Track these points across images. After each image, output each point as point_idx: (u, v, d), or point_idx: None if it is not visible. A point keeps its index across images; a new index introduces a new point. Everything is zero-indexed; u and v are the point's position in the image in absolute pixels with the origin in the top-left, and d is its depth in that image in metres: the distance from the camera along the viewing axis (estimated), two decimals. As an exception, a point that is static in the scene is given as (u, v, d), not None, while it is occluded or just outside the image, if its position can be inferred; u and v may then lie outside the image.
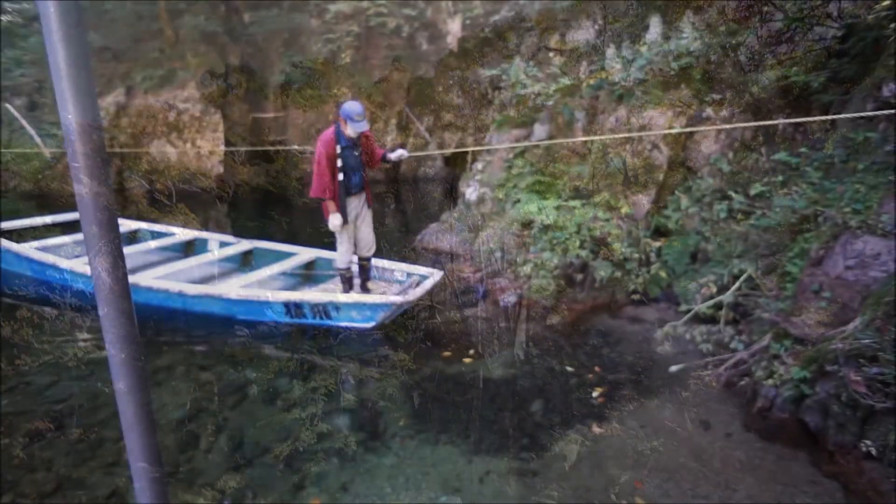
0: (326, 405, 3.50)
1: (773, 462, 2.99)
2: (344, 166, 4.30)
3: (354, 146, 4.36)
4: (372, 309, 4.35)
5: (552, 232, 5.29)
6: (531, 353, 4.26)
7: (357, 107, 4.18)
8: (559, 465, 2.95)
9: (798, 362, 3.17)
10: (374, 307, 4.35)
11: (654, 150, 5.53)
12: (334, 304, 4.36)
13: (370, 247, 4.76)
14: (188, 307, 4.56)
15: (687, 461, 3.00)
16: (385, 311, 4.37)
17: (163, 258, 5.87)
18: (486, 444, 3.16)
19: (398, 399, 3.69)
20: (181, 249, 6.03)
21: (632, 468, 2.93)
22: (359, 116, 4.13)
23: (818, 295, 3.29)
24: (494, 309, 5.06)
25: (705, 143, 5.62)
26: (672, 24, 6.14)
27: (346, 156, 4.30)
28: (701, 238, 5.05)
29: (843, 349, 2.90)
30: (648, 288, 5.12)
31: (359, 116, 4.13)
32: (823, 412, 2.96)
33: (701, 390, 3.66)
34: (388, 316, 4.48)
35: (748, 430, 3.28)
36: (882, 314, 2.94)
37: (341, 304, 4.36)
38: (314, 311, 4.40)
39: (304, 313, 4.41)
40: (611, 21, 6.93)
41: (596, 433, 3.24)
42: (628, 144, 5.60)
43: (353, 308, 4.36)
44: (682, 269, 5.02)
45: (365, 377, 3.96)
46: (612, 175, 5.58)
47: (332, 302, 4.35)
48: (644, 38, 6.05)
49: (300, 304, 4.37)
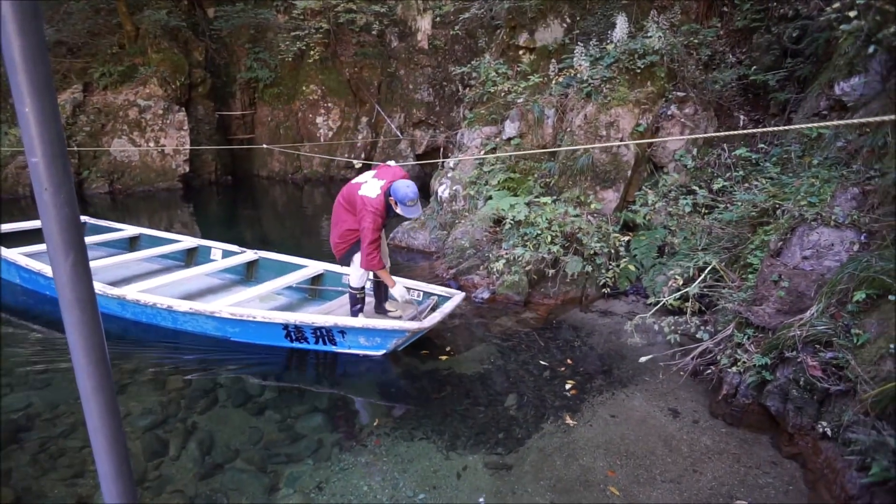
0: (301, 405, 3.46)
1: (737, 446, 3.11)
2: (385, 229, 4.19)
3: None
4: (383, 335, 3.84)
5: (524, 228, 5.35)
6: (505, 348, 4.31)
7: (411, 192, 3.81)
8: (534, 458, 2.99)
9: (759, 350, 3.30)
10: (384, 333, 3.83)
11: (622, 146, 5.65)
12: (340, 329, 3.82)
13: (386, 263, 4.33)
14: (178, 326, 4.18)
15: (656, 448, 3.09)
16: (398, 338, 3.87)
17: (163, 267, 5.61)
18: (462, 439, 3.18)
19: (375, 395, 3.68)
20: (183, 258, 5.73)
21: (604, 457, 3.00)
22: (411, 202, 3.82)
23: (777, 285, 3.43)
24: (468, 305, 5.10)
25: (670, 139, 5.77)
26: (637, 23, 6.28)
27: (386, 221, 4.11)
28: (667, 232, 5.19)
29: (801, 336, 3.04)
30: (618, 281, 5.24)
31: (411, 202, 3.82)
32: (783, 396, 3.09)
33: (669, 379, 3.77)
34: (402, 343, 3.99)
35: (714, 416, 3.41)
36: (835, 302, 3.09)
37: (348, 329, 3.83)
38: (317, 336, 3.90)
39: (305, 337, 3.92)
40: (578, 19, 7.04)
41: (569, 425, 3.30)
42: (597, 140, 5.71)
43: (362, 333, 3.87)
44: (649, 262, 5.15)
45: (345, 373, 3.93)
46: (582, 171, 5.68)
47: (337, 326, 3.79)
48: (610, 37, 6.17)
49: (301, 327, 3.86)
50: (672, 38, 5.76)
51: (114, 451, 0.86)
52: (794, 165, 4.70)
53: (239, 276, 5.40)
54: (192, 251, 5.71)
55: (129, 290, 4.28)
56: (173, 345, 4.16)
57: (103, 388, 0.87)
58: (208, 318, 3.99)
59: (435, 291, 4.55)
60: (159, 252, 5.45)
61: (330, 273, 5.03)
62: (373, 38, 12.72)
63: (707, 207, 5.10)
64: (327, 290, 4.99)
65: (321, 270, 5.04)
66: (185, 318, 4.09)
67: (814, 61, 5.38)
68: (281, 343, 3.98)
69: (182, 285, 4.99)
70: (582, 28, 6.95)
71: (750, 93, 5.95)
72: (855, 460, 2.53)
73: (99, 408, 0.86)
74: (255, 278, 5.31)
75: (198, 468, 2.86)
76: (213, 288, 5.16)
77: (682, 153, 5.66)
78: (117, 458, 0.88)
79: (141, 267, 5.52)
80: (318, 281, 5.08)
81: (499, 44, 7.93)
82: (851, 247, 3.34)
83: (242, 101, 12.75)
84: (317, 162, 12.64)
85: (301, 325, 3.83)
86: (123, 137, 10.39)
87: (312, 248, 7.09)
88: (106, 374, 0.87)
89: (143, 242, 6.00)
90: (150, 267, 5.59)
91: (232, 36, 12.47)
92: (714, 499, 2.69)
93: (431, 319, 3.90)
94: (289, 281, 4.70)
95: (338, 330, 3.84)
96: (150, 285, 4.45)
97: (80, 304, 0.80)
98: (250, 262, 5.33)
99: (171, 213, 9.52)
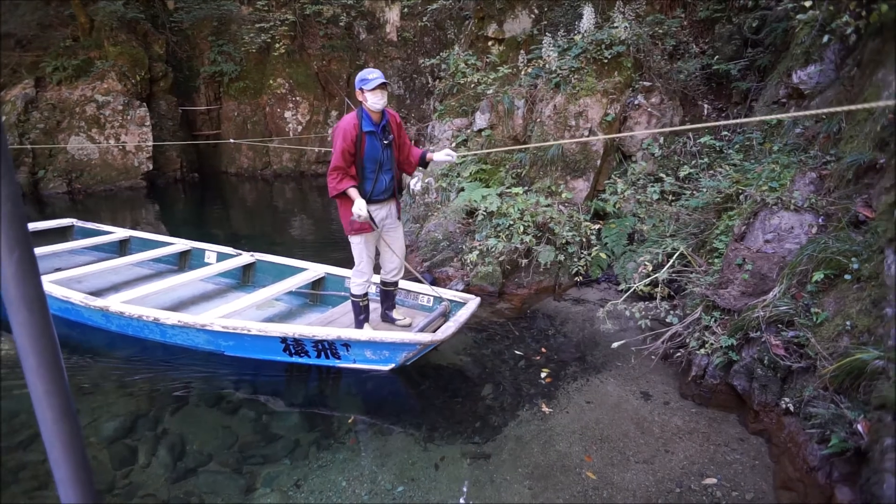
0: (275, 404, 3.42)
1: (706, 425, 3.21)
2: (367, 158, 3.34)
3: (383, 132, 3.40)
4: (391, 349, 3.45)
5: (496, 219, 5.37)
6: (480, 339, 4.33)
7: (369, 69, 3.30)
8: (511, 446, 3.02)
9: (726, 331, 3.40)
10: (393, 347, 3.43)
11: (591, 136, 5.72)
12: (343, 341, 3.47)
13: (398, 270, 3.82)
14: (168, 339, 3.87)
15: (630, 430, 3.16)
16: (408, 351, 3.47)
17: (154, 272, 5.33)
18: (440, 431, 3.19)
19: (351, 391, 3.65)
20: (175, 262, 5.43)
21: (580, 442, 3.06)
22: (373, 75, 3.21)
23: (741, 268, 3.54)
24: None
25: (638, 128, 5.87)
26: (604, 14, 6.34)
27: (372, 145, 3.35)
28: (637, 220, 5.29)
29: (764, 316, 3.14)
30: (590, 269, 5.32)
31: (373, 75, 3.21)
32: (749, 375, 3.20)
33: (641, 363, 3.86)
34: (412, 357, 3.59)
35: (684, 397, 3.50)
36: (796, 283, 3.20)
37: (352, 342, 3.46)
38: (318, 349, 3.55)
39: (305, 351, 3.57)
40: (546, 10, 7.07)
41: (545, 412, 3.35)
42: (566, 131, 5.76)
43: (368, 347, 3.48)
44: (620, 250, 5.25)
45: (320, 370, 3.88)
46: (552, 162, 5.73)
47: (341, 338, 3.44)
48: (578, 27, 6.22)
49: (301, 341, 3.52)
50: (638, 29, 5.85)
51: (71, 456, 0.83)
52: (755, 152, 4.84)
53: (235, 281, 5.09)
54: (185, 254, 5.42)
55: (113, 300, 3.97)
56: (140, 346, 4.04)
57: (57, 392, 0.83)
58: (199, 331, 3.67)
59: (446, 296, 4.12)
60: (150, 256, 5.17)
61: (331, 276, 4.70)
62: (340, 30, 12.53)
63: (674, 194, 5.21)
64: (329, 294, 4.67)
65: (322, 274, 4.70)
66: (175, 331, 3.77)
67: (772, 51, 5.54)
68: (280, 357, 3.66)
69: (174, 292, 4.68)
70: (550, 19, 6.98)
71: (713, 82, 6.09)
72: (815, 433, 2.63)
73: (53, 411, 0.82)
74: (251, 283, 5.03)
75: (169, 473, 2.79)
76: (208, 294, 4.87)
77: (650, 142, 5.77)
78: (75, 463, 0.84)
79: (131, 272, 5.26)
80: (318, 285, 4.74)
81: (468, 35, 7.91)
82: (810, 229, 3.46)
83: (207, 96, 12.40)
84: (287, 157, 12.41)
85: (301, 338, 3.48)
86: (81, 135, 9.99)
87: (286, 245, 6.98)
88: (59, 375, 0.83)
89: (134, 245, 5.70)
90: (141, 272, 5.33)
91: (194, 28, 12.09)
92: (685, 477, 2.77)
93: (445, 331, 3.48)
94: (287, 286, 4.36)
95: (341, 343, 3.48)
96: (139, 294, 4.15)
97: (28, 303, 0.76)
98: (247, 266, 5.03)
99: (135, 212, 9.21)
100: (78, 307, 4.01)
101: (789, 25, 5.09)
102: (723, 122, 3.35)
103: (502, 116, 6.29)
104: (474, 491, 2.69)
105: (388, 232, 3.68)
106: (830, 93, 4.37)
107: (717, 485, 2.71)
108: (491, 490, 2.69)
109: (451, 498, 2.65)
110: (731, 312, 3.50)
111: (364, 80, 3.25)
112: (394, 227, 3.70)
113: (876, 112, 3.42)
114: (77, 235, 5.95)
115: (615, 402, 3.46)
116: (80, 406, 3.30)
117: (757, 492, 2.67)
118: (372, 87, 3.22)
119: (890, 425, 2.26)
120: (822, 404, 2.66)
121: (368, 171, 3.38)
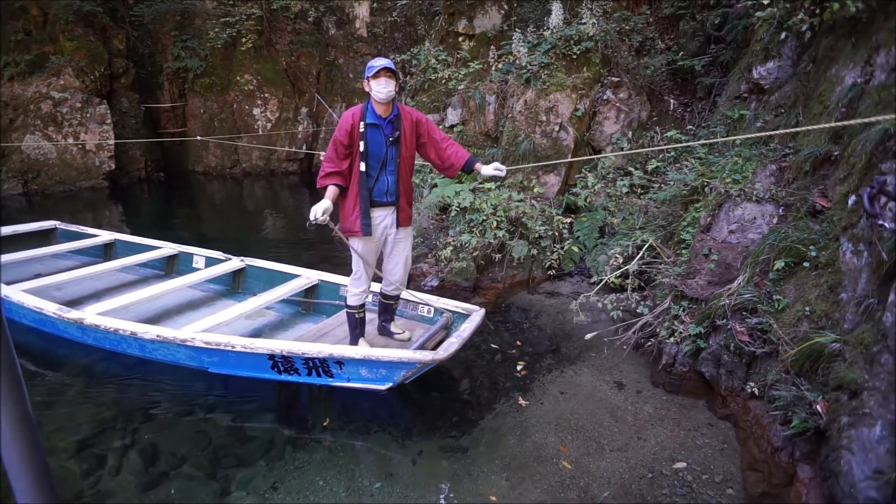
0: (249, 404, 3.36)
1: (677, 411, 3.31)
2: (369, 154, 3.04)
3: (390, 127, 3.09)
4: (388, 367, 3.18)
5: (469, 214, 5.40)
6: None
7: (379, 59, 3.01)
8: (489, 439, 3.05)
9: (694, 320, 3.50)
10: (391, 366, 3.15)
11: (562, 131, 5.79)
12: (336, 359, 3.18)
13: (400, 282, 3.46)
14: (147, 354, 3.61)
15: (604, 419, 3.23)
16: (407, 370, 3.20)
17: (139, 277, 5.08)
18: (418, 426, 3.19)
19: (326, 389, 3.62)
20: (162, 266, 5.17)
21: (555, 433, 3.10)
22: (378, 62, 2.96)
23: (708, 258, 3.64)
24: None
25: (607, 123, 5.97)
26: (572, 10, 6.42)
27: (374, 139, 3.05)
28: (607, 213, 5.39)
29: (730, 304, 3.25)
30: (563, 263, 5.39)
31: (378, 62, 2.96)
32: (716, 362, 3.30)
33: (613, 354, 3.94)
34: (411, 375, 3.29)
35: (655, 385, 3.59)
36: (759, 271, 3.32)
37: (346, 359, 3.17)
38: (309, 367, 3.29)
39: (295, 368, 3.32)
40: (516, 6, 7.11)
41: (522, 404, 3.38)
42: (537, 126, 5.82)
43: (363, 365, 3.20)
44: (592, 243, 5.34)
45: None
46: (524, 157, 5.78)
47: (333, 356, 3.16)
48: (547, 23, 6.28)
49: (290, 358, 3.26)
50: (605, 25, 5.94)
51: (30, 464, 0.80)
52: (719, 146, 4.99)
53: (224, 287, 4.85)
54: (172, 259, 5.17)
55: (89, 311, 3.69)
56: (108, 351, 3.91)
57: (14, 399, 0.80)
58: (180, 346, 3.40)
59: (448, 307, 3.86)
60: (135, 261, 4.91)
61: (325, 284, 4.45)
62: (309, 25, 12.33)
63: (643, 188, 5.33)
64: (324, 303, 4.42)
65: (315, 281, 4.45)
66: (154, 346, 3.51)
67: (734, 47, 5.70)
68: (268, 375, 3.40)
69: (158, 301, 4.41)
70: (519, 14, 7.03)
71: (679, 77, 6.24)
72: (779, 415, 2.74)
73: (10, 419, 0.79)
74: (241, 289, 4.79)
75: (140, 479, 2.72)
76: (195, 302, 4.64)
77: (619, 136, 5.87)
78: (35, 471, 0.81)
79: (115, 278, 5.00)
80: (312, 293, 4.47)
81: (438, 30, 7.90)
82: (771, 219, 3.59)
83: (171, 93, 12.04)
84: (256, 155, 12.17)
85: (290, 355, 3.21)
86: (37, 133, 9.57)
87: (258, 245, 6.86)
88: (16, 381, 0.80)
89: (119, 249, 5.44)
90: (126, 278, 5.07)
91: (156, 23, 11.70)
92: (657, 462, 2.85)
93: (447, 348, 3.19)
94: (279, 295, 4.12)
95: (334, 360, 3.20)
96: (120, 303, 3.89)
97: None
98: (236, 271, 4.79)
99: (97, 213, 8.88)
100: (52, 319, 3.77)
101: (749, 22, 5.25)
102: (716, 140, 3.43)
103: (474, 112, 6.30)
104: (452, 484, 2.71)
105: (391, 242, 3.32)
106: (788, 88, 4.53)
107: (687, 469, 2.79)
108: (468, 482, 2.71)
109: (429, 492, 2.66)
110: (698, 301, 3.60)
111: (370, 67, 2.98)
112: (398, 238, 3.30)
113: (830, 106, 3.57)
114: (61, 238, 5.68)
115: (589, 392, 3.52)
116: (43, 415, 3.17)
117: (725, 474, 2.76)
118: (374, 73, 2.91)
119: (846, 404, 2.37)
120: (785, 387, 2.77)
121: (371, 168, 3.08)
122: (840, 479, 2.26)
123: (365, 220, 3.11)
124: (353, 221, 3.14)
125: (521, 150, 5.77)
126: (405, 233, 3.34)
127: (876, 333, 2.33)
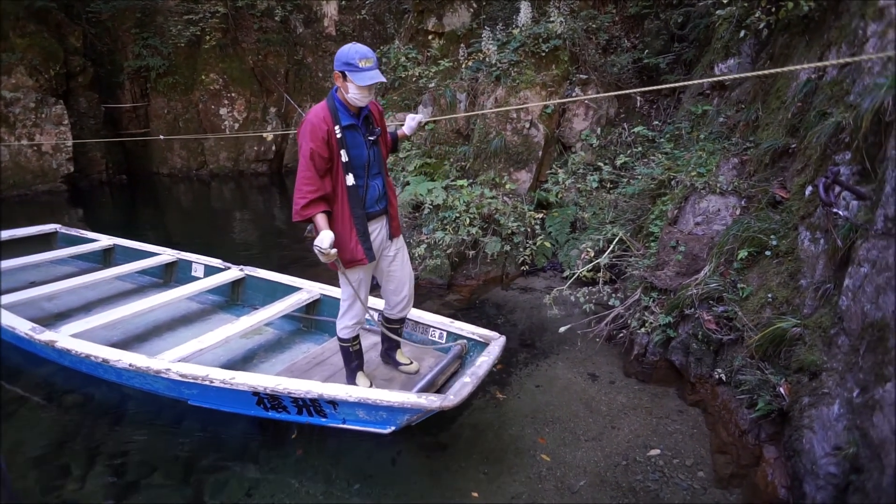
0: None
1: (649, 400, 3.39)
2: (353, 161, 2.53)
3: (367, 125, 2.63)
4: (390, 412, 2.66)
5: (442, 212, 5.40)
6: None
7: (360, 48, 2.44)
8: (467, 435, 3.06)
9: (663, 310, 3.59)
10: (391, 410, 2.64)
11: (532, 128, 5.85)
12: (327, 399, 2.70)
13: (405, 303, 3.01)
14: (124, 381, 3.26)
15: (579, 410, 3.28)
16: (411, 415, 2.67)
17: (136, 286, 4.85)
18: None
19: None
20: (160, 274, 4.95)
21: (532, 425, 3.14)
22: (365, 61, 2.40)
23: (675, 250, 3.74)
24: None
25: (577, 120, 6.07)
26: (540, 8, 6.49)
27: (354, 144, 2.54)
28: (578, 208, 5.48)
29: (697, 294, 3.34)
30: (536, 258, 5.46)
31: (365, 61, 2.40)
32: (685, 350, 3.40)
33: (587, 346, 4.00)
34: (416, 420, 2.73)
35: (628, 375, 3.67)
36: (724, 261, 3.43)
37: (339, 400, 2.70)
38: (299, 406, 2.84)
39: (284, 406, 2.89)
40: (485, 4, 7.14)
41: (499, 399, 3.41)
42: (508, 123, 5.86)
43: (360, 407, 2.72)
44: (564, 238, 5.41)
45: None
46: (496, 154, 5.81)
47: (324, 396, 2.69)
48: (516, 21, 6.33)
49: (277, 395, 2.81)
50: (573, 23, 6.02)
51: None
52: (685, 140, 5.12)
53: (223, 298, 4.60)
54: (171, 266, 4.93)
55: (64, 332, 3.40)
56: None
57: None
58: (155, 376, 3.05)
59: (464, 332, 3.40)
60: (133, 269, 4.68)
61: (327, 299, 4.10)
62: (276, 23, 12.10)
63: (612, 183, 5.43)
64: (326, 320, 4.07)
65: (317, 295, 4.13)
66: (129, 374, 3.17)
67: (697, 45, 5.87)
68: (253, 412, 2.99)
69: (152, 314, 4.13)
70: (488, 12, 7.07)
71: (644, 75, 6.37)
72: (745, 399, 2.84)
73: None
74: (240, 301, 4.55)
75: (108, 490, 2.63)
76: (190, 316, 4.37)
77: (588, 133, 5.97)
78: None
79: (111, 287, 4.76)
80: (313, 308, 4.18)
81: (408, 29, 7.87)
82: (734, 211, 3.71)
83: (133, 93, 11.63)
84: (224, 156, 11.88)
85: (276, 393, 2.78)
86: (-12, 135, 9.12)
87: (227, 249, 6.71)
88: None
89: (118, 255, 5.21)
90: (123, 286, 4.83)
91: (115, 20, 11.29)
92: (631, 450, 2.91)
93: (460, 391, 2.65)
94: (277, 311, 3.84)
95: (326, 401, 2.74)
96: (109, 318, 3.62)
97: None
98: (236, 281, 4.54)
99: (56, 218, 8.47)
100: (25, 339, 3.49)
101: (710, 21, 5.41)
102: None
103: (445, 110, 6.31)
104: (432, 482, 2.71)
105: (388, 257, 2.85)
106: (748, 84, 4.69)
107: (660, 455, 2.87)
108: (448, 478, 2.72)
109: (408, 490, 2.65)
110: (667, 292, 3.70)
111: (351, 64, 2.40)
112: (394, 250, 2.86)
113: (787, 101, 3.71)
114: (61, 242, 5.44)
115: (564, 385, 3.57)
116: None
117: (696, 458, 2.84)
118: (367, 84, 2.41)
119: (807, 385, 2.47)
120: (750, 372, 2.87)
121: (359, 178, 2.58)
122: (802, 457, 2.36)
123: (366, 244, 2.63)
124: (354, 249, 2.61)
125: (492, 147, 5.80)
126: (399, 243, 2.90)
127: (833, 317, 2.44)
